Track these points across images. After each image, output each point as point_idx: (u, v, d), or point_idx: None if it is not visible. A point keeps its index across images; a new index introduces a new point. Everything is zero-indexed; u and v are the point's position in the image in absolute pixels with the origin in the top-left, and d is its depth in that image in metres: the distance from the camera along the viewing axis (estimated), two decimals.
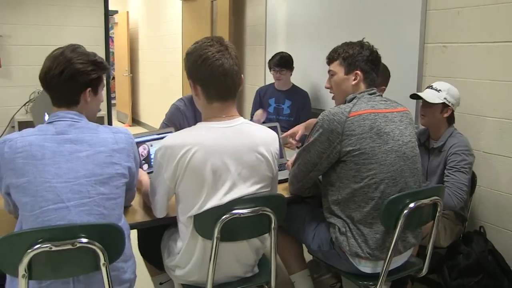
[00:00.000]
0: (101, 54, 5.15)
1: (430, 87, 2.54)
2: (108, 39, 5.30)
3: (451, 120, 2.53)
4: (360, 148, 1.81)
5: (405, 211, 1.78)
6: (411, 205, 1.79)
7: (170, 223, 1.88)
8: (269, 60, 3.83)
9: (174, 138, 1.65)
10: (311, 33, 3.98)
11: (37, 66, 1.64)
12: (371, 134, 1.82)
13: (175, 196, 1.72)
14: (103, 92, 1.77)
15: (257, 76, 4.82)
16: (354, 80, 1.99)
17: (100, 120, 5.02)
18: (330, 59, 2.08)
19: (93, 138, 1.56)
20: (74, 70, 1.58)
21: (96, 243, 1.42)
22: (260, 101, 3.98)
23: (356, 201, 1.85)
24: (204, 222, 1.65)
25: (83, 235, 1.40)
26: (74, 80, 1.58)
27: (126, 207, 1.89)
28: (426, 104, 2.50)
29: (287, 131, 2.76)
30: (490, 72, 2.63)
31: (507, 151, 2.59)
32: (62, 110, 1.61)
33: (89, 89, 1.63)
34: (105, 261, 1.44)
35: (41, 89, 1.64)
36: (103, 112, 5.09)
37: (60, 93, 1.61)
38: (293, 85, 3.87)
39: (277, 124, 2.72)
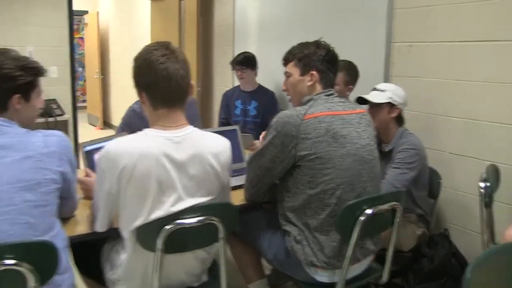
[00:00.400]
0: (66, 55, 5.01)
1: (374, 89, 2.48)
2: (73, 39, 5.15)
3: (400, 120, 2.47)
4: (315, 152, 1.73)
5: (362, 218, 1.71)
6: (368, 211, 1.72)
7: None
8: (232, 60, 3.77)
9: (118, 144, 1.55)
10: (279, 34, 3.91)
11: None
12: (327, 138, 1.75)
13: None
14: (41, 98, 1.66)
15: (225, 77, 4.74)
16: (310, 81, 1.92)
17: (64, 124, 4.86)
18: (286, 60, 2.01)
19: (21, 143, 1.46)
20: None
21: (25, 264, 1.30)
22: (227, 104, 3.90)
23: (312, 208, 1.78)
24: (147, 234, 1.56)
25: (8, 256, 1.28)
26: None
27: (68, 218, 1.79)
28: (373, 106, 2.43)
29: (254, 132, 2.69)
30: (455, 71, 2.59)
31: (472, 152, 2.55)
32: None
33: (17, 95, 1.53)
34: (36, 283, 1.33)
35: None
36: (67, 115, 4.94)
37: None
38: (259, 86, 3.80)
39: (236, 127, 2.64)
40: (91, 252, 1.89)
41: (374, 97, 2.39)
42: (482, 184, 2.11)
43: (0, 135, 1.46)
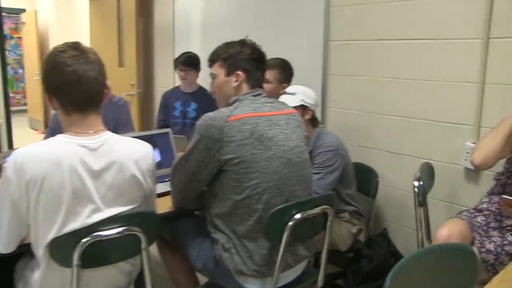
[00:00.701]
0: None
1: (284, 92, 2.42)
2: (2, 39, 4.85)
3: (314, 122, 2.41)
4: (240, 156, 1.65)
5: (291, 223, 1.64)
6: (297, 216, 1.66)
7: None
8: (176, 59, 3.64)
9: (26, 152, 1.41)
10: (221, 33, 3.82)
11: None
12: (252, 140, 1.67)
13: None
14: None
15: (166, 78, 4.60)
16: (236, 81, 1.84)
17: None
18: (211, 61, 1.92)
19: None
20: None
21: None
22: (166, 105, 3.77)
23: (239, 214, 1.69)
24: (61, 249, 1.43)
25: None
26: None
27: None
28: None
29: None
30: (391, 70, 2.59)
31: (408, 150, 2.55)
32: None
33: None
34: None
35: None
36: (0, 119, 4.66)
37: None
38: (200, 87, 3.69)
39: (169, 130, 2.53)
40: (3, 270, 1.73)
41: (286, 101, 2.28)
42: (415, 183, 2.10)
43: None
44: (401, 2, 2.50)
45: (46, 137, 2.50)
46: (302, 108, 2.31)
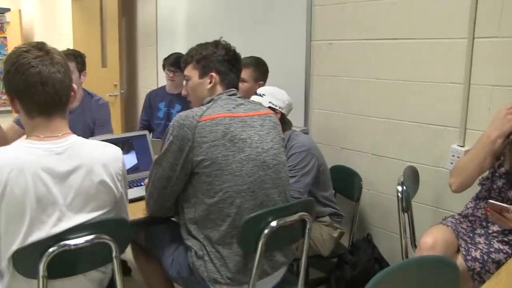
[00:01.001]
0: None
1: (255, 93, 2.34)
2: None
3: (285, 124, 2.31)
4: (211, 157, 1.58)
5: (266, 231, 1.57)
6: (273, 223, 1.58)
7: None
8: (165, 59, 3.54)
9: None
10: (203, 33, 3.74)
11: None
12: (224, 141, 1.60)
13: None
14: None
15: (150, 78, 4.52)
16: (210, 83, 1.78)
17: None
18: (184, 63, 1.86)
19: None
20: None
21: None
22: (150, 105, 3.67)
23: (212, 219, 1.62)
24: (27, 259, 1.35)
25: None
26: None
27: None
28: None
29: None
30: (375, 70, 2.52)
31: (393, 153, 2.48)
32: None
33: None
34: None
35: None
36: None
37: None
38: None
39: (146, 132, 2.44)
40: None
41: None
42: (399, 188, 2.04)
43: None
44: (385, 1, 2.44)
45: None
46: (271, 110, 2.24)
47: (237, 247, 1.62)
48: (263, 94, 2.26)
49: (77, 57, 2.89)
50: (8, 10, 8.37)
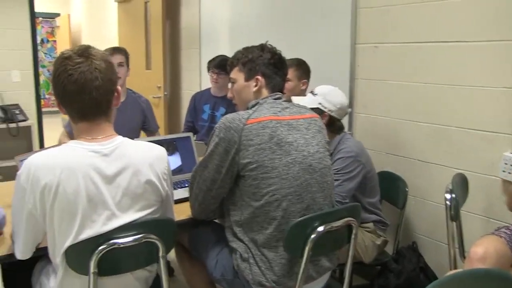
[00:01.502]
0: (28, 58, 4.80)
1: (312, 91, 2.30)
2: (36, 42, 4.93)
3: (333, 128, 2.25)
4: (258, 160, 1.58)
5: (313, 236, 1.55)
6: (320, 228, 1.56)
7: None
8: (209, 61, 3.57)
9: (39, 159, 1.37)
10: (247, 36, 3.77)
11: None
12: (271, 144, 1.60)
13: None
14: None
15: (193, 81, 4.57)
16: (255, 86, 1.79)
17: (27, 130, 4.67)
18: (230, 66, 1.87)
19: None
20: None
21: None
22: (195, 107, 3.71)
23: (258, 222, 1.62)
24: (78, 256, 1.40)
25: None
26: None
27: None
28: None
29: None
30: (423, 74, 2.45)
31: (440, 159, 2.41)
32: None
33: None
34: None
35: None
36: (31, 120, 4.73)
37: None
38: None
39: (190, 134, 2.47)
40: (23, 270, 1.71)
41: (306, 102, 2.17)
42: (447, 196, 1.97)
43: None
44: (434, 3, 2.37)
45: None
46: (318, 112, 2.21)
47: (282, 250, 1.61)
48: (316, 94, 2.23)
49: (126, 52, 3.02)
50: (58, 15, 8.70)
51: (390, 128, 2.65)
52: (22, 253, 1.46)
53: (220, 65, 3.44)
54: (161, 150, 1.56)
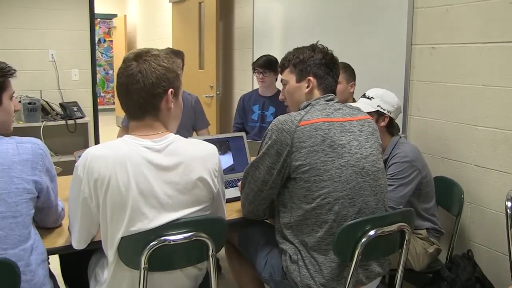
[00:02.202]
0: (87, 57, 5.00)
1: (363, 95, 2.27)
2: (94, 42, 5.13)
3: (392, 129, 2.23)
4: (310, 162, 1.57)
5: (364, 240, 1.53)
6: (371, 232, 1.53)
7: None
8: (254, 62, 3.61)
9: (96, 150, 1.43)
10: (300, 36, 3.76)
11: (20, 71, 1.54)
12: (324, 147, 1.58)
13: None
14: (15, 100, 1.57)
15: (245, 81, 4.60)
16: (307, 87, 1.76)
17: (84, 127, 4.85)
18: (281, 67, 1.86)
19: None
20: None
21: None
22: (244, 108, 3.74)
23: (309, 225, 1.61)
24: (130, 250, 1.43)
25: None
26: None
27: (53, 228, 1.71)
28: None
29: None
30: (482, 76, 2.36)
31: (501, 165, 2.31)
32: None
33: None
34: None
35: (24, 94, 1.47)
36: (87, 118, 4.92)
37: None
38: (279, 91, 3.63)
39: (243, 134, 2.48)
40: (81, 262, 1.79)
41: (362, 107, 2.10)
42: (508, 204, 1.89)
43: None
44: (494, 1, 2.27)
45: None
46: (378, 115, 2.17)
47: (333, 254, 1.59)
48: (372, 97, 2.20)
49: (183, 55, 3.14)
50: (115, 16, 9.00)
51: (446, 132, 2.56)
52: (78, 243, 1.50)
53: (265, 65, 3.46)
54: (213, 148, 1.58)
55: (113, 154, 1.41)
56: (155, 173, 1.43)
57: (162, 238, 1.42)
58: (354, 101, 2.63)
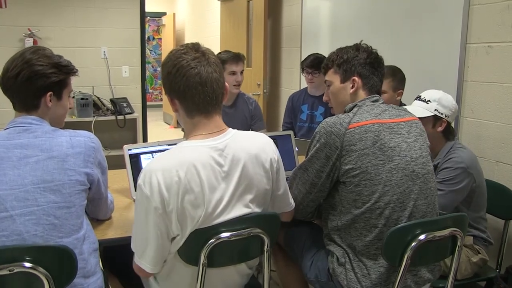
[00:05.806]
0: (137, 55, 5.13)
1: (419, 97, 2.18)
2: (144, 40, 5.26)
3: (448, 134, 2.14)
4: (360, 166, 1.54)
5: (413, 244, 1.49)
6: (421, 237, 1.49)
7: None
8: (302, 61, 3.56)
9: (159, 164, 1.40)
10: (350, 35, 3.70)
11: None
12: (374, 150, 1.55)
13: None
14: (70, 98, 1.65)
15: (292, 79, 4.58)
16: (352, 87, 1.73)
17: (133, 122, 4.99)
18: (325, 68, 1.83)
19: (46, 143, 1.44)
20: (31, 72, 1.46)
21: (40, 268, 1.29)
22: (293, 107, 3.71)
23: (357, 229, 1.58)
24: (189, 247, 1.43)
25: (27, 258, 1.28)
26: (31, 82, 1.47)
27: (103, 220, 1.79)
28: None
29: None
30: None
31: None
32: (22, 115, 1.50)
33: (50, 93, 1.51)
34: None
35: (77, 90, 1.54)
36: (136, 113, 5.05)
37: (18, 97, 1.50)
38: None
39: (290, 132, 2.47)
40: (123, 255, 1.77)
41: (417, 111, 2.06)
42: None
43: (28, 133, 1.44)
44: None
45: None
46: (435, 119, 2.10)
47: (382, 258, 1.56)
48: (428, 100, 2.12)
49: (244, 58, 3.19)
50: (164, 14, 9.18)
51: (501, 135, 2.46)
52: (154, 266, 1.43)
53: (313, 64, 3.40)
54: (267, 138, 1.58)
55: (181, 162, 1.38)
56: (221, 172, 1.42)
57: (221, 235, 1.42)
58: (401, 105, 2.55)
